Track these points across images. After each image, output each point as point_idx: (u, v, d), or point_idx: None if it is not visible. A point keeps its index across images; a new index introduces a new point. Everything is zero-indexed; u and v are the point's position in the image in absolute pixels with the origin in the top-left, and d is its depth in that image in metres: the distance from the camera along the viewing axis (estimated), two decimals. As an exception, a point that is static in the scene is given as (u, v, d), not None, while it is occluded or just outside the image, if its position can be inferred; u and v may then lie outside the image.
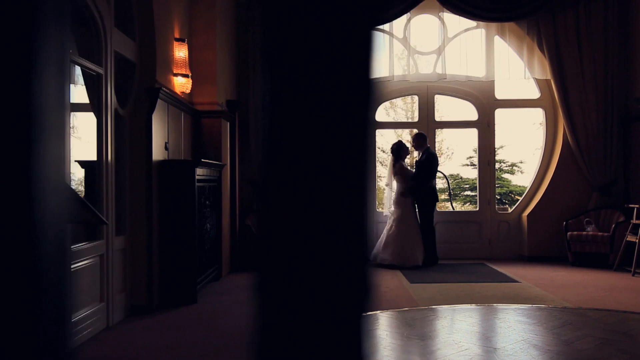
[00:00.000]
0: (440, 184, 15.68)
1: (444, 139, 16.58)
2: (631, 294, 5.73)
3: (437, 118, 10.41)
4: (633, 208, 7.05)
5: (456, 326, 4.55)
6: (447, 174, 14.58)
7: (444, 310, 5.02)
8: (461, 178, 14.71)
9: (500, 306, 5.15)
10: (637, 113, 7.56)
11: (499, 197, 14.61)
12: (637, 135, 7.62)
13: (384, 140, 13.82)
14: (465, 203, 14.29)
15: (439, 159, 8.17)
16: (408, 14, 8.14)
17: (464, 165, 14.45)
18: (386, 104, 16.96)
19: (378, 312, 4.91)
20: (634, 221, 6.94)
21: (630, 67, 7.90)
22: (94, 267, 4.43)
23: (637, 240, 6.77)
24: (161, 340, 4.14)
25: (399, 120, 17.24)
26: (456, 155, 16.17)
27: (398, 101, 17.62)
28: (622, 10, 7.92)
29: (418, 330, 4.39)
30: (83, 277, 4.26)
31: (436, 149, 17.85)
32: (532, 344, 3.91)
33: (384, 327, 4.55)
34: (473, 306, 5.15)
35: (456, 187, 14.96)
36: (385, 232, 7.74)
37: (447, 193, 12.78)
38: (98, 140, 4.49)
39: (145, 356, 3.80)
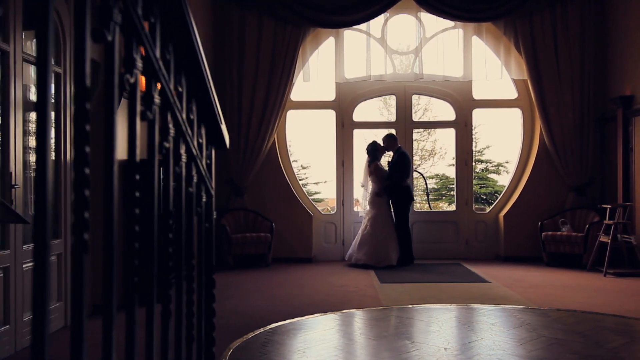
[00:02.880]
0: (430, 184, 15.70)
1: (437, 139, 16.56)
2: (598, 294, 5.73)
3: (432, 118, 10.48)
4: (606, 208, 7.06)
5: (413, 326, 4.55)
6: (424, 174, 14.59)
7: (405, 310, 5.02)
8: (447, 178, 14.73)
9: (462, 306, 5.15)
10: (613, 113, 7.55)
11: (484, 197, 14.60)
12: (612, 135, 7.61)
13: (378, 140, 13.68)
14: (450, 203, 14.32)
15: (434, 158, 8.14)
16: (385, 14, 8.14)
17: (450, 165, 14.47)
18: (380, 103, 16.94)
19: (343, 311, 4.91)
20: (607, 221, 6.94)
21: (606, 68, 7.90)
22: (52, 267, 4.44)
23: (609, 241, 6.78)
24: (118, 338, 4.12)
25: (391, 120, 17.21)
26: (449, 154, 16.16)
27: (392, 100, 17.60)
28: (599, 10, 7.93)
29: (373, 330, 4.39)
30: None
31: (431, 148, 17.94)
32: (483, 344, 3.91)
33: (340, 326, 4.55)
34: (436, 306, 5.15)
35: (442, 187, 14.96)
36: (360, 232, 7.75)
37: (426, 193, 12.78)
38: (56, 139, 4.49)
39: (98, 355, 3.79)
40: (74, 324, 0.72)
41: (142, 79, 1.26)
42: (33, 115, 4.74)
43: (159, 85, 1.15)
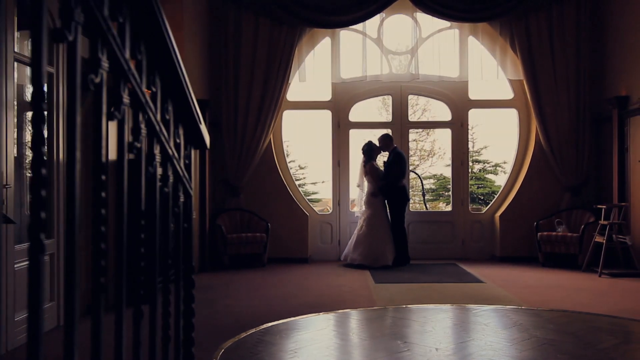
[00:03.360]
0: (428, 184, 15.69)
1: (436, 139, 16.56)
2: (592, 294, 5.72)
3: (432, 118, 10.49)
4: (601, 209, 7.05)
5: (406, 326, 4.54)
6: (422, 174, 14.60)
7: (398, 310, 5.01)
8: (444, 178, 14.75)
9: (456, 306, 5.15)
10: (608, 114, 7.55)
11: (482, 198, 14.61)
12: (608, 136, 7.61)
13: (374, 140, 13.61)
14: (448, 203, 14.33)
15: (432, 158, 8.14)
16: (381, 14, 8.14)
17: (447, 165, 14.47)
18: (379, 103, 16.96)
19: (337, 311, 4.90)
20: (602, 222, 6.94)
21: (602, 68, 7.90)
22: (44, 266, 4.44)
23: (604, 241, 6.77)
24: (108, 338, 4.12)
25: (387, 121, 17.19)
26: (448, 155, 16.09)
27: (389, 100, 17.58)
28: (595, 11, 7.93)
29: (366, 331, 4.39)
30: (31, 276, 4.26)
31: (430, 149, 17.93)
32: (475, 345, 3.91)
33: (332, 326, 4.55)
34: (429, 306, 5.15)
35: (440, 187, 14.97)
36: (355, 232, 7.75)
37: (422, 193, 12.78)
38: (48, 139, 4.49)
39: (88, 356, 3.78)
40: (31, 326, 0.72)
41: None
42: (28, 116, 4.74)
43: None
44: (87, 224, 5.00)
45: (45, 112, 0.79)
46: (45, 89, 3.70)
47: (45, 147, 0.76)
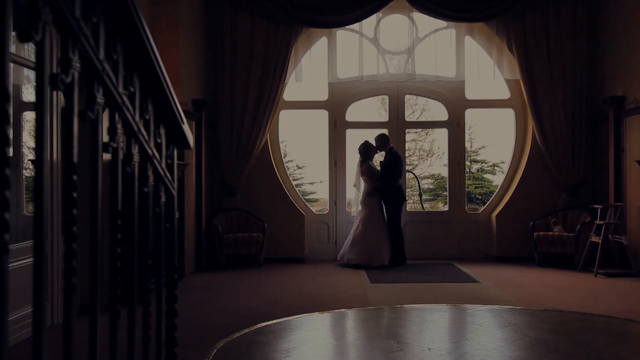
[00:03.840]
0: (427, 184, 15.68)
1: (434, 139, 16.54)
2: (588, 294, 5.72)
3: (431, 118, 10.45)
4: (597, 209, 7.05)
5: (399, 326, 4.54)
6: (421, 174, 14.59)
7: (392, 310, 5.01)
8: (442, 178, 14.75)
9: (450, 306, 5.15)
10: (605, 114, 7.55)
11: (480, 198, 14.60)
12: (604, 136, 7.61)
13: (371, 140, 13.54)
14: (446, 203, 14.32)
15: (431, 158, 8.12)
16: (378, 14, 8.14)
17: (445, 165, 14.45)
18: (377, 103, 16.95)
19: (331, 311, 4.90)
20: (598, 222, 6.94)
21: (599, 68, 7.90)
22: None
23: (600, 241, 6.77)
24: (101, 339, 4.11)
25: (384, 120, 17.16)
26: (447, 154, 16.03)
27: (388, 100, 17.55)
28: (591, 11, 7.92)
29: (359, 330, 4.38)
30: (24, 275, 4.25)
31: (428, 148, 17.91)
32: (468, 344, 3.90)
33: (326, 326, 4.55)
34: (423, 306, 5.15)
35: (439, 187, 14.97)
36: (352, 232, 7.75)
37: (419, 193, 12.78)
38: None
39: (82, 356, 3.78)
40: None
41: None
42: (26, 116, 4.74)
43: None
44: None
45: (11, 112, 0.78)
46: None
47: (11, 147, 0.76)
